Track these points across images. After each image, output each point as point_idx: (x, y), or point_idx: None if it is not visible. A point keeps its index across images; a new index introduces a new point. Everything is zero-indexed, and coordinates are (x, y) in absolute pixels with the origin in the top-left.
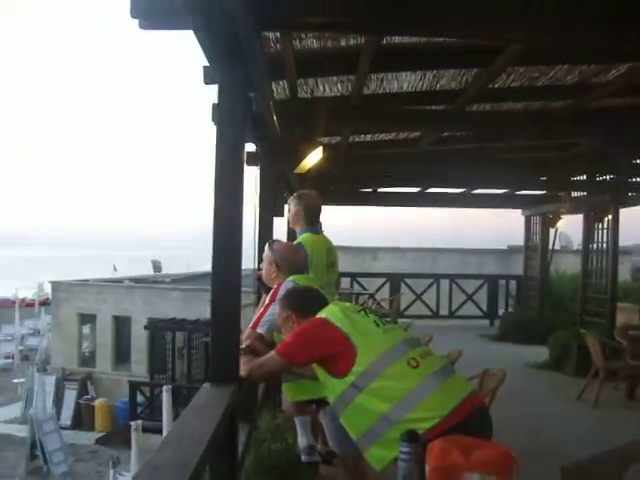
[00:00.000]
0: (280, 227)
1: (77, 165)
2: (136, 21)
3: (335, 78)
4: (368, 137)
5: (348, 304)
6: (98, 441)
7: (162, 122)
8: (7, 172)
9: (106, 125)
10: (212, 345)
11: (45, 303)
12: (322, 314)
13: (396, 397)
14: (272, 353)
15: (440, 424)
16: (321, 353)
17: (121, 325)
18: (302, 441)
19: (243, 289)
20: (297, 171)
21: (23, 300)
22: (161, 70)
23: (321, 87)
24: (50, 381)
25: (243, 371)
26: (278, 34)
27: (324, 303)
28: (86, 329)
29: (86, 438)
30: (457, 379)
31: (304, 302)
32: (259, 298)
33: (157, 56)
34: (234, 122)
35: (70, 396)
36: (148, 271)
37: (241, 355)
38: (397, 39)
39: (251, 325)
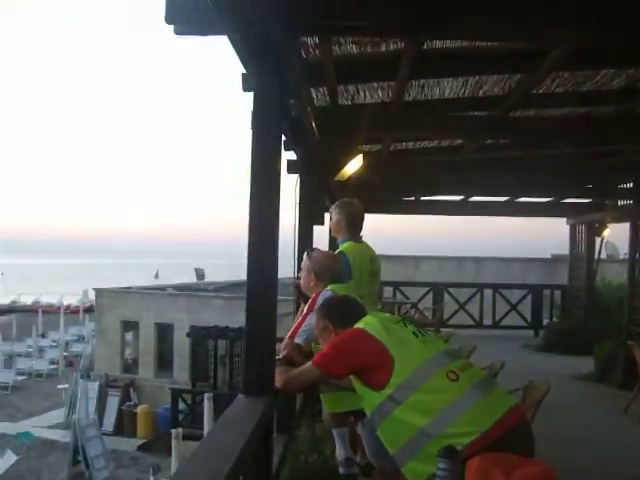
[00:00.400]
0: (321, 236)
1: (126, 172)
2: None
3: (375, 84)
4: (410, 145)
5: (387, 314)
6: (140, 448)
7: (210, 134)
8: (57, 180)
9: (155, 134)
10: (246, 356)
11: (90, 310)
12: (360, 324)
13: (435, 411)
14: (308, 364)
15: (480, 439)
16: (358, 364)
17: (163, 332)
18: (340, 453)
19: (284, 298)
20: (337, 179)
21: (68, 307)
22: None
23: (362, 94)
24: (93, 387)
25: (278, 382)
26: (316, 39)
27: (362, 313)
28: (129, 336)
29: (128, 444)
30: (498, 393)
31: (341, 312)
32: (298, 307)
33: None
34: (269, 128)
35: (113, 402)
36: (192, 279)
37: (277, 365)
38: (438, 44)
39: (289, 335)
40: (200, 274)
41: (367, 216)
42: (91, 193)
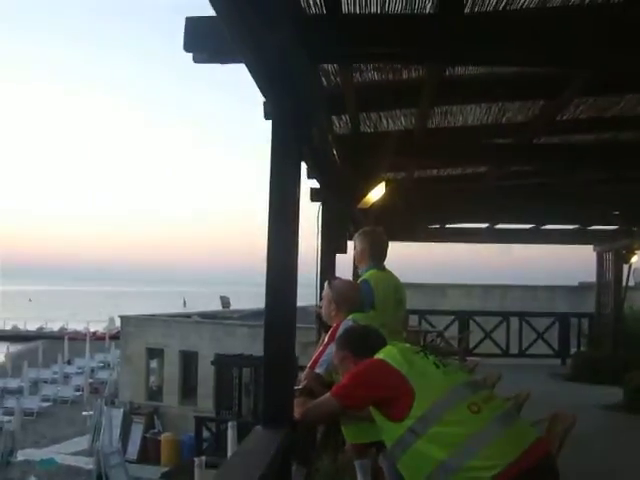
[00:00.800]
0: (344, 264)
1: (145, 198)
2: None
3: (398, 112)
4: (434, 172)
5: (407, 345)
6: (163, 475)
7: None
8: (87, 207)
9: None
10: (265, 386)
11: (116, 337)
12: (380, 355)
13: (456, 444)
14: (327, 395)
15: (502, 474)
16: (377, 396)
17: (188, 360)
18: None
19: (309, 326)
20: (360, 206)
21: (94, 334)
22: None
23: (384, 121)
24: (118, 414)
25: (297, 413)
26: (336, 66)
27: (383, 343)
28: (154, 363)
29: (151, 472)
30: (521, 425)
31: (361, 342)
32: (319, 337)
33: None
34: (288, 156)
35: (137, 430)
36: (217, 307)
37: (297, 396)
38: (460, 70)
39: (310, 364)
40: (225, 302)
41: (391, 244)
42: (120, 217)
